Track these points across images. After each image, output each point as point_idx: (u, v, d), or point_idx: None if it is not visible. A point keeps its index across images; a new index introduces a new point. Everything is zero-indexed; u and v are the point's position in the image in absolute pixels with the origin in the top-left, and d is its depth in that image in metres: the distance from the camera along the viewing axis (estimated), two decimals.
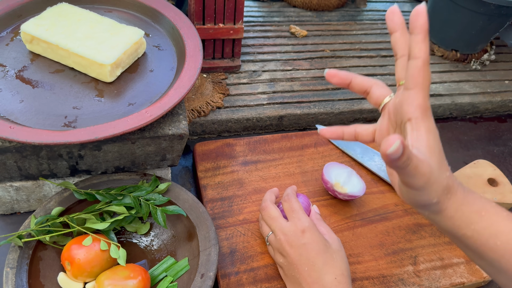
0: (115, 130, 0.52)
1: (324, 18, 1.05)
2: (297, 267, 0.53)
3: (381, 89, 0.48)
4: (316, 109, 0.81)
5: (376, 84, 0.48)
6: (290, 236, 0.55)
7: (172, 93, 0.57)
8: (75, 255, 0.52)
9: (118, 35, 0.61)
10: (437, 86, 0.90)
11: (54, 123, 0.54)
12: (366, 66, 0.92)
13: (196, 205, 0.59)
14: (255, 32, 0.96)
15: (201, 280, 0.52)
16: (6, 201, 0.62)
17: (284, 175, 0.70)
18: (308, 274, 0.52)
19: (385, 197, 0.70)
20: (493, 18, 0.87)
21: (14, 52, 0.62)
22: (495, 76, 0.95)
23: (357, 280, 0.59)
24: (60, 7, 0.65)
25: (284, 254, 0.55)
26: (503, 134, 0.89)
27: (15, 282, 0.50)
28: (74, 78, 0.60)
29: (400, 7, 1.13)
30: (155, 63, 0.64)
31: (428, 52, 0.39)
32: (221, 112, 0.77)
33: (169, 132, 0.57)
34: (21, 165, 0.56)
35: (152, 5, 0.70)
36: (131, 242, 0.59)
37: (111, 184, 0.60)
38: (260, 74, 0.86)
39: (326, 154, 0.74)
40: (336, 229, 0.65)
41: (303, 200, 0.62)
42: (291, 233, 0.55)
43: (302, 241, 0.54)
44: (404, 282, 0.60)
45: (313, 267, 0.52)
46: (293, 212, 0.57)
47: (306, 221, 0.55)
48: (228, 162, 0.71)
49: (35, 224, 0.53)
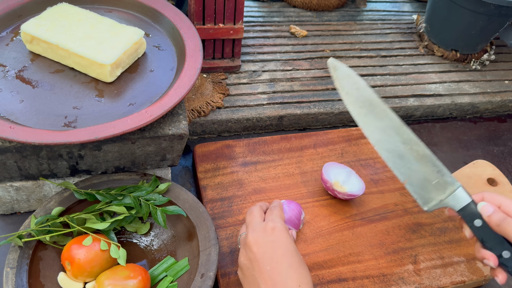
0: (115, 130, 0.52)
1: (324, 18, 1.05)
2: (258, 265, 0.48)
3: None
4: (316, 109, 0.81)
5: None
6: (258, 232, 0.51)
7: (172, 93, 0.57)
8: (75, 255, 0.52)
9: (118, 35, 0.61)
10: (437, 86, 0.90)
11: (54, 123, 0.54)
12: (366, 66, 0.92)
13: (196, 205, 0.59)
14: (255, 32, 0.96)
15: (201, 280, 0.52)
16: (6, 201, 0.62)
17: (283, 176, 0.70)
18: (269, 276, 0.47)
19: (384, 196, 0.70)
20: (493, 18, 0.87)
21: (14, 52, 0.62)
22: (495, 76, 0.95)
23: (358, 279, 0.59)
24: (60, 7, 0.65)
25: (248, 251, 0.50)
26: (503, 134, 0.89)
27: (15, 282, 0.50)
28: (74, 78, 0.60)
29: (400, 7, 1.13)
30: (155, 63, 0.64)
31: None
32: (221, 112, 0.77)
33: (169, 132, 0.57)
34: (21, 165, 0.56)
35: (152, 5, 0.70)
36: (131, 242, 0.59)
37: (111, 184, 0.60)
38: (260, 74, 0.86)
39: (325, 155, 0.74)
40: (336, 228, 0.65)
41: (294, 207, 0.62)
42: (260, 230, 0.51)
43: (269, 238, 0.50)
44: (404, 281, 0.60)
45: (277, 268, 0.47)
46: (269, 215, 0.54)
47: (279, 222, 0.52)
48: (227, 163, 0.71)
49: (35, 224, 0.53)
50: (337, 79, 0.57)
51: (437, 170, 0.53)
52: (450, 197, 0.52)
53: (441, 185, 0.53)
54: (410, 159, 0.54)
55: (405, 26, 1.06)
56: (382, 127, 0.56)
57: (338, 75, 0.56)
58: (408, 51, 0.98)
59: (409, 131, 0.55)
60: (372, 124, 0.56)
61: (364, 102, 0.56)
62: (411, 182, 0.55)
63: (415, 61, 0.96)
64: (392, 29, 1.04)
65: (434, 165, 0.54)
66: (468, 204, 0.52)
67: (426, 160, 0.54)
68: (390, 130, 0.55)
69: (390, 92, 0.87)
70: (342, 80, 0.56)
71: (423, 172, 0.54)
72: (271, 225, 0.51)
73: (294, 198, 0.67)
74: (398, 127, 0.55)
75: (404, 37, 1.02)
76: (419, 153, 0.54)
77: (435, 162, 0.54)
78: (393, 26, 1.05)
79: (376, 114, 0.56)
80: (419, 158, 0.54)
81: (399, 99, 0.86)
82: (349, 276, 0.60)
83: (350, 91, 0.56)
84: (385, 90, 0.87)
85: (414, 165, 0.54)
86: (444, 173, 0.53)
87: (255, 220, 0.53)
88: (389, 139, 0.55)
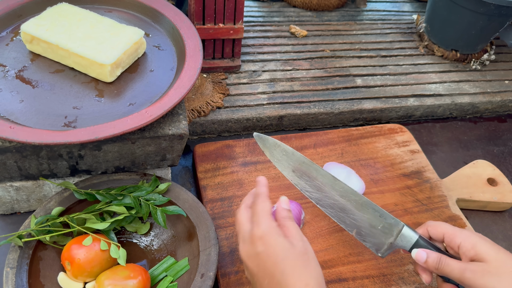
0: (115, 130, 0.52)
1: (324, 18, 1.05)
2: (258, 280, 0.46)
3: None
4: (316, 109, 0.81)
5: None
6: (247, 244, 0.47)
7: (172, 93, 0.57)
8: (75, 255, 0.52)
9: (118, 35, 0.61)
10: (437, 86, 0.90)
11: (54, 123, 0.54)
12: (366, 66, 0.92)
13: (196, 205, 0.59)
14: (255, 32, 0.96)
15: (201, 280, 0.52)
16: (6, 201, 0.62)
17: (283, 176, 0.70)
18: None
19: (384, 197, 0.70)
20: (493, 18, 0.87)
21: (14, 52, 0.62)
22: (495, 76, 0.95)
23: (358, 279, 0.59)
24: (60, 7, 0.65)
25: (245, 266, 0.48)
26: (503, 134, 0.89)
27: (15, 282, 0.50)
28: (74, 78, 0.60)
29: (400, 7, 1.13)
30: (155, 63, 0.64)
31: None
32: (221, 112, 0.77)
33: (169, 132, 0.57)
34: (21, 165, 0.56)
35: (152, 5, 0.70)
36: (131, 242, 0.59)
37: (111, 184, 0.60)
38: (260, 74, 0.86)
39: (325, 155, 0.74)
40: (336, 228, 0.65)
41: (295, 207, 0.62)
42: (248, 242, 0.47)
43: (256, 249, 0.46)
44: (404, 281, 0.60)
45: (273, 279, 0.44)
46: (253, 216, 0.49)
47: (264, 226, 0.47)
48: (227, 163, 0.71)
49: (35, 224, 0.53)
50: (266, 148, 0.58)
51: (379, 215, 0.54)
52: (398, 238, 0.53)
53: (387, 228, 0.54)
54: (352, 210, 0.55)
55: (405, 26, 1.06)
56: (318, 185, 0.56)
57: (265, 145, 0.58)
58: (408, 51, 0.98)
59: (343, 184, 0.56)
60: (308, 184, 0.57)
61: (295, 165, 0.57)
62: (359, 232, 0.55)
63: (415, 61, 0.96)
64: (392, 29, 1.04)
65: (376, 211, 0.54)
66: (417, 241, 0.52)
67: (366, 207, 0.55)
68: (326, 187, 0.56)
69: (390, 92, 0.87)
70: (270, 149, 0.58)
71: (367, 219, 0.55)
72: (257, 232, 0.47)
73: (294, 198, 0.67)
74: (332, 182, 0.56)
75: (404, 37, 1.02)
76: (358, 202, 0.55)
77: (376, 208, 0.55)
78: (393, 26, 1.05)
79: (309, 174, 0.57)
80: (359, 207, 0.55)
81: (399, 99, 0.86)
82: (349, 276, 0.60)
83: (280, 157, 0.57)
84: (385, 90, 0.87)
85: (357, 215, 0.55)
86: (386, 216, 0.54)
87: (242, 228, 0.49)
88: (327, 195, 0.56)
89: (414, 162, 0.75)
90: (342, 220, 0.56)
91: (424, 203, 0.69)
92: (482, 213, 0.73)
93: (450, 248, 0.51)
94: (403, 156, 0.76)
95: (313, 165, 0.57)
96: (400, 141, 0.78)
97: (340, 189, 0.56)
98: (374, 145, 0.77)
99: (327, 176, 0.56)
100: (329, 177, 0.56)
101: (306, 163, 0.57)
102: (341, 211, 0.56)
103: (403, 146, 0.77)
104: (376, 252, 0.54)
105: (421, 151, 0.77)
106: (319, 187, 0.56)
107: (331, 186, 0.56)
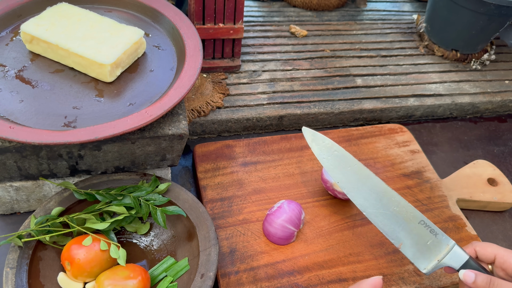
0: (115, 130, 0.52)
1: (324, 18, 1.05)
2: None
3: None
4: (316, 109, 0.81)
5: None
6: None
7: (172, 93, 0.57)
8: (75, 255, 0.52)
9: (118, 35, 0.61)
10: (437, 86, 0.90)
11: (54, 123, 0.54)
12: (366, 66, 0.92)
13: (196, 205, 0.59)
14: (255, 32, 0.96)
15: (201, 280, 0.52)
16: (6, 201, 0.62)
17: (283, 176, 0.70)
18: None
19: None
20: (493, 18, 0.87)
21: (14, 52, 0.62)
22: (495, 76, 0.95)
23: (358, 279, 0.59)
24: (60, 7, 0.65)
25: None
26: (503, 134, 0.89)
27: (15, 282, 0.50)
28: (74, 78, 0.60)
29: (400, 7, 1.13)
30: (155, 63, 0.64)
31: None
32: (221, 112, 0.77)
33: (169, 132, 0.57)
34: (21, 165, 0.56)
35: (152, 5, 0.70)
36: (131, 242, 0.59)
37: (111, 184, 0.60)
38: (260, 74, 0.86)
39: None
40: (336, 228, 0.65)
41: (295, 207, 0.62)
42: None
43: None
44: (404, 281, 0.60)
45: None
46: None
47: None
48: (227, 163, 0.71)
49: (35, 224, 0.53)
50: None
51: (430, 230, 0.52)
52: (448, 256, 0.51)
53: (436, 246, 0.52)
54: (403, 223, 0.53)
55: (405, 26, 1.06)
56: (371, 193, 0.55)
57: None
58: (408, 51, 0.98)
59: (396, 194, 0.54)
60: (361, 189, 0.55)
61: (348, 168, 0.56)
62: (406, 245, 0.53)
63: (415, 61, 0.96)
64: (392, 29, 1.04)
65: (427, 225, 0.53)
66: (467, 261, 0.50)
67: (416, 221, 0.53)
68: (378, 195, 0.54)
69: (390, 92, 0.87)
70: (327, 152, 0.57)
71: (416, 233, 0.53)
72: None
73: (294, 198, 0.67)
74: (384, 190, 0.54)
75: (404, 37, 1.02)
76: (409, 214, 0.53)
77: (427, 222, 0.53)
78: (393, 26, 1.05)
79: (362, 179, 0.55)
80: (410, 220, 0.53)
81: (399, 99, 0.86)
82: (349, 276, 0.60)
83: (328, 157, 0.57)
84: (385, 90, 0.87)
85: (407, 228, 0.53)
86: (437, 232, 0.52)
87: None
88: (379, 203, 0.54)
89: (414, 162, 0.75)
90: (390, 230, 0.53)
91: (424, 203, 0.69)
92: (482, 213, 0.73)
93: (501, 270, 0.50)
94: (403, 156, 0.76)
95: (366, 170, 0.55)
96: (400, 141, 0.78)
97: (393, 199, 0.54)
98: (374, 145, 0.77)
99: (381, 184, 0.54)
100: (383, 185, 0.54)
101: (361, 168, 0.55)
102: (392, 221, 0.53)
103: (403, 146, 0.77)
104: (422, 269, 0.52)
105: (421, 151, 0.77)
106: (369, 195, 0.55)
107: (384, 194, 0.54)
